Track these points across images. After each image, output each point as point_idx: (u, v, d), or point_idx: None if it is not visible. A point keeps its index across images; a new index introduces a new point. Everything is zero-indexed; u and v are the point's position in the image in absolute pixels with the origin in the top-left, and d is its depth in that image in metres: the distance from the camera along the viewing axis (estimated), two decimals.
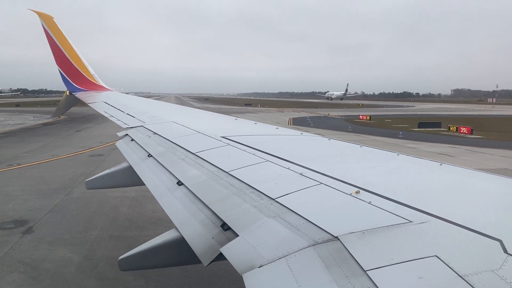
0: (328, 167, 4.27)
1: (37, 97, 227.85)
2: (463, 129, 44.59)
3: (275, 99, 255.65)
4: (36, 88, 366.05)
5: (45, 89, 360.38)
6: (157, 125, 8.93)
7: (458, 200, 3.35)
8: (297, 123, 55.57)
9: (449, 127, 47.31)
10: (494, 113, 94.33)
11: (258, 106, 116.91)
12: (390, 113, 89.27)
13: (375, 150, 5.59)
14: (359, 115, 69.64)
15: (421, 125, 51.56)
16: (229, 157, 5.34)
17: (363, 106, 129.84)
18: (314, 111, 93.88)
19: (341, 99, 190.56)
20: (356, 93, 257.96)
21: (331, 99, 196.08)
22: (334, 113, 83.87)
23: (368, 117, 63.40)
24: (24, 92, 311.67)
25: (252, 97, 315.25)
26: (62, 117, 64.47)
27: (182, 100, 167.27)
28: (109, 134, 38.96)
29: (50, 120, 58.66)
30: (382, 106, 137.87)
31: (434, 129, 49.09)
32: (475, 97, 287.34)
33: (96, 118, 58.77)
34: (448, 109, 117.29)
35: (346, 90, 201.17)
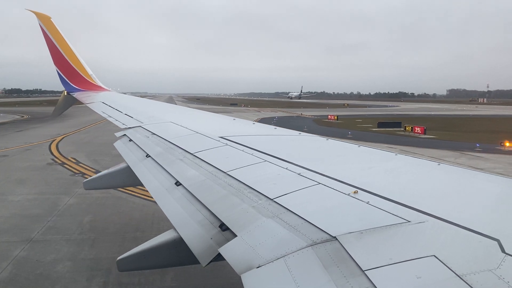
0: (326, 167, 4.27)
1: (29, 97, 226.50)
2: (417, 129, 45.13)
3: (267, 99, 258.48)
4: (31, 88, 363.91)
5: (40, 89, 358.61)
6: (155, 125, 8.92)
7: (456, 200, 3.36)
8: (262, 122, 55.03)
9: (405, 127, 47.81)
10: (472, 113, 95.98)
11: (242, 106, 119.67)
12: (367, 113, 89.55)
13: (373, 150, 5.59)
14: (328, 115, 70.41)
15: (380, 125, 52.08)
16: (227, 157, 5.34)
17: (348, 106, 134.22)
18: (292, 111, 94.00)
19: (299, 98, 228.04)
20: (310, 92, 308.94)
21: (291, 98, 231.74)
22: (310, 113, 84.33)
23: (336, 117, 64.41)
24: (18, 92, 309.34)
25: (247, 97, 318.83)
26: (25, 116, 64.32)
27: (173, 100, 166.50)
28: (45, 135, 38.42)
29: (8, 120, 58.25)
30: (366, 106, 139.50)
31: (392, 129, 49.42)
32: (470, 97, 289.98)
33: (57, 117, 58.80)
34: (430, 109, 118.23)
35: (301, 91, 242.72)
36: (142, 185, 5.57)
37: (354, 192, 3.42)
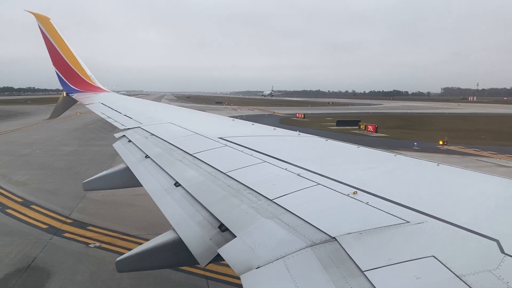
0: (325, 168, 4.27)
1: (19, 95, 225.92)
2: (370, 128, 45.48)
3: (259, 97, 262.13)
4: (24, 86, 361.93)
5: (33, 87, 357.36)
6: (154, 126, 8.91)
7: (455, 201, 3.36)
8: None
9: (360, 125, 48.32)
10: (450, 111, 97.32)
11: (226, 104, 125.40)
12: (343, 111, 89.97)
13: (372, 151, 5.60)
14: (296, 113, 71.38)
15: (339, 123, 52.62)
16: (227, 158, 5.33)
17: (332, 104, 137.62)
18: (270, 109, 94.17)
19: (272, 96, 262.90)
20: (280, 91, 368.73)
21: (265, 96, 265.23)
22: (284, 111, 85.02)
23: (303, 116, 65.60)
24: (10, 90, 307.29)
25: (241, 96, 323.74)
26: None
27: (162, 98, 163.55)
28: None
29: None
30: (348, 104, 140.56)
31: (350, 127, 49.75)
32: (464, 95, 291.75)
33: (14, 115, 58.84)
34: (413, 107, 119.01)
35: (272, 89, 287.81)
36: (141, 186, 5.55)
37: (354, 193, 3.42)
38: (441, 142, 34.46)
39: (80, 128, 43.57)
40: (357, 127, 48.87)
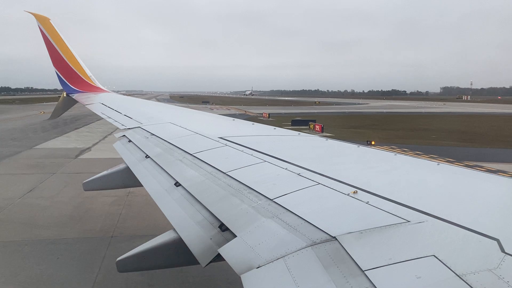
0: (325, 168, 4.27)
1: (13, 95, 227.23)
2: (317, 127, 46.33)
3: (253, 96, 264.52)
4: (22, 86, 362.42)
5: (31, 87, 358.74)
6: (154, 126, 8.92)
7: (455, 200, 3.36)
8: None
9: (310, 125, 49.24)
10: (430, 110, 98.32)
11: (212, 104, 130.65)
12: (320, 111, 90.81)
13: (372, 150, 5.60)
14: (263, 113, 73.36)
15: (293, 122, 53.94)
16: (227, 158, 5.34)
17: (319, 103, 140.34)
18: (248, 108, 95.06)
19: (252, 95, 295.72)
20: (260, 91, 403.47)
21: (246, 95, 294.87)
22: (257, 111, 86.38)
23: (267, 115, 67.58)
24: (7, 90, 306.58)
25: (237, 95, 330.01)
26: None
27: (152, 98, 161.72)
28: None
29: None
30: (333, 103, 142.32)
31: (302, 126, 50.38)
32: (463, 94, 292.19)
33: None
34: (395, 106, 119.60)
35: (252, 89, 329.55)
36: (141, 186, 5.56)
37: (354, 192, 3.42)
38: (373, 142, 34.93)
39: (20, 128, 42.53)
40: (305, 127, 49.77)
